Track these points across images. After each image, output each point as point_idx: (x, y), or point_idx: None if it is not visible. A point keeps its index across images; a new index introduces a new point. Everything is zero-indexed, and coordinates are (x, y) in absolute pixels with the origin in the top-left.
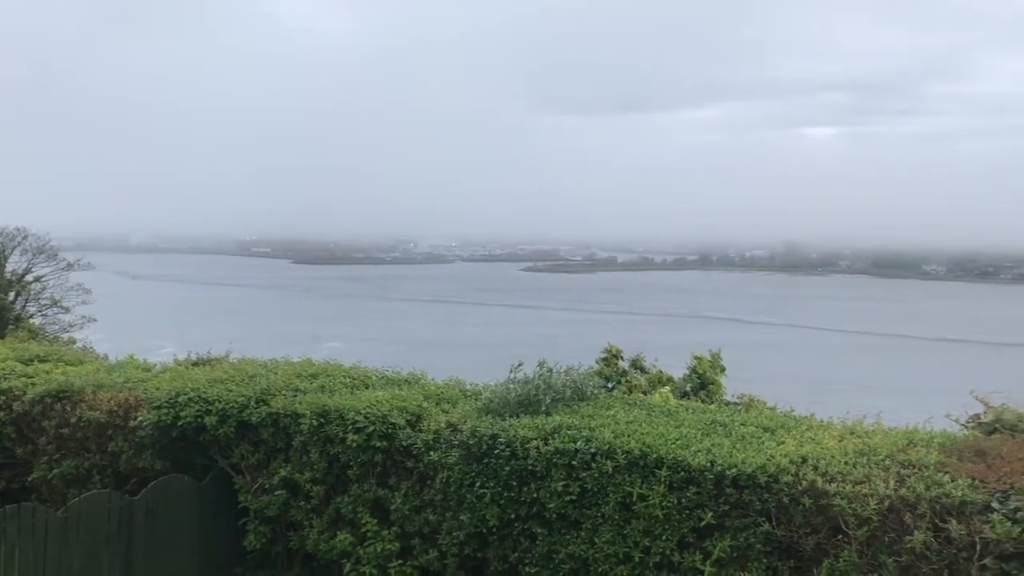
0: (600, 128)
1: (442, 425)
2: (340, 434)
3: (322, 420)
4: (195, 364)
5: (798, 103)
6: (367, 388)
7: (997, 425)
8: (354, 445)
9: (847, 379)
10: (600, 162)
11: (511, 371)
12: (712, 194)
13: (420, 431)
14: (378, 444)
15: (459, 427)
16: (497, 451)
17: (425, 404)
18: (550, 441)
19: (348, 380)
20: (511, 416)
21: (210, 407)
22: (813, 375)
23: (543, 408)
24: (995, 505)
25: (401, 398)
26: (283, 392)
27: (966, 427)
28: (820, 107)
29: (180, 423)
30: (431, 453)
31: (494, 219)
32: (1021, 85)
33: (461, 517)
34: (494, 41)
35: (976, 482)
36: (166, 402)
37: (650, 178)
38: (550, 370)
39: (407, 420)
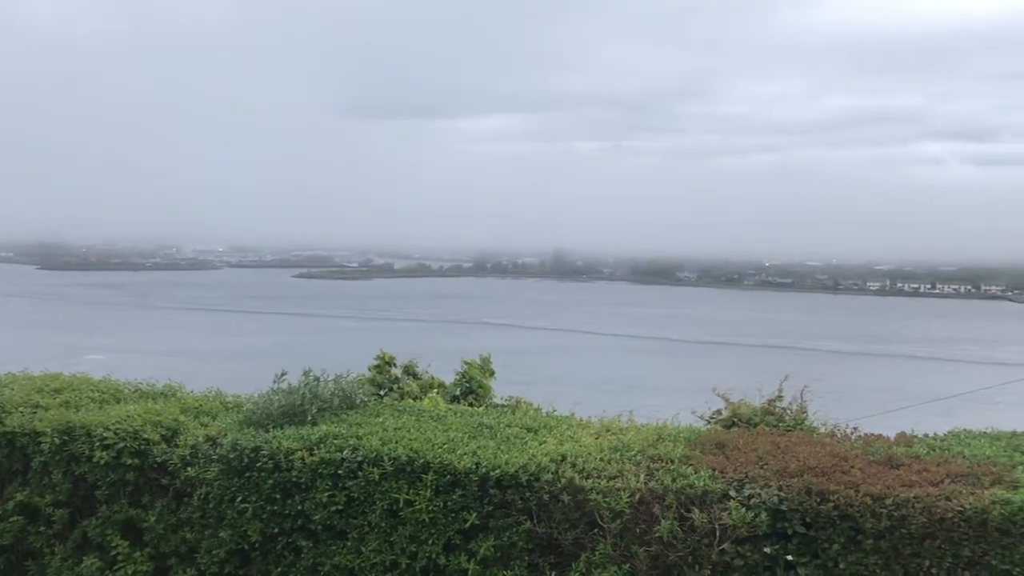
0: (384, 135)
1: (200, 439)
2: (86, 452)
3: (65, 438)
4: None
5: (566, 117)
6: (118, 402)
7: (735, 419)
8: (102, 463)
9: (617, 379)
10: (381, 168)
11: (275, 381)
12: (487, 202)
13: (176, 446)
14: (129, 461)
15: (219, 440)
16: (259, 464)
17: (182, 418)
18: (315, 451)
19: (97, 395)
20: (275, 427)
21: None
22: (585, 376)
23: (309, 418)
24: (732, 493)
25: (155, 412)
26: (20, 409)
27: (709, 422)
28: (586, 122)
29: None
30: (188, 469)
31: (267, 224)
32: (762, 107)
33: (221, 534)
34: (288, 42)
35: (716, 473)
36: None
37: (430, 185)
38: (316, 379)
39: (162, 435)
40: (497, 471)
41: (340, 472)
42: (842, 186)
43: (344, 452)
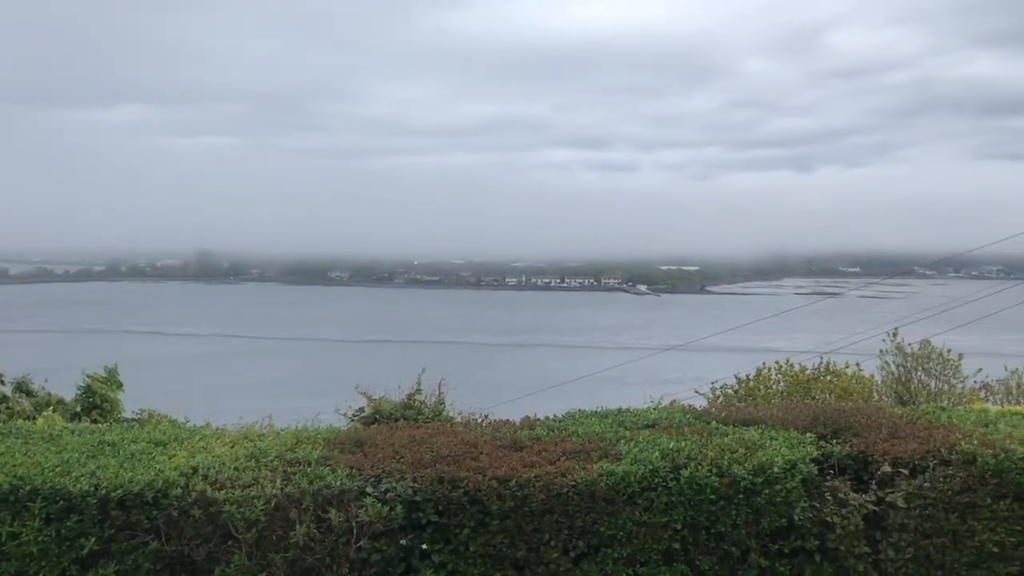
0: None
1: None
2: None
3: None
4: None
5: (203, 111)
6: None
7: (377, 416)
8: None
9: (269, 383)
10: None
11: None
12: (120, 200)
13: None
14: None
15: None
16: None
17: None
18: None
19: None
20: None
21: None
22: (236, 382)
23: None
24: (369, 490)
25: None
26: None
27: (352, 420)
28: (224, 117)
29: None
30: None
31: None
32: (404, 110)
33: None
34: None
35: (354, 471)
36: None
37: (52, 181)
38: None
39: None
40: (119, 491)
41: None
42: (481, 188)
43: None
